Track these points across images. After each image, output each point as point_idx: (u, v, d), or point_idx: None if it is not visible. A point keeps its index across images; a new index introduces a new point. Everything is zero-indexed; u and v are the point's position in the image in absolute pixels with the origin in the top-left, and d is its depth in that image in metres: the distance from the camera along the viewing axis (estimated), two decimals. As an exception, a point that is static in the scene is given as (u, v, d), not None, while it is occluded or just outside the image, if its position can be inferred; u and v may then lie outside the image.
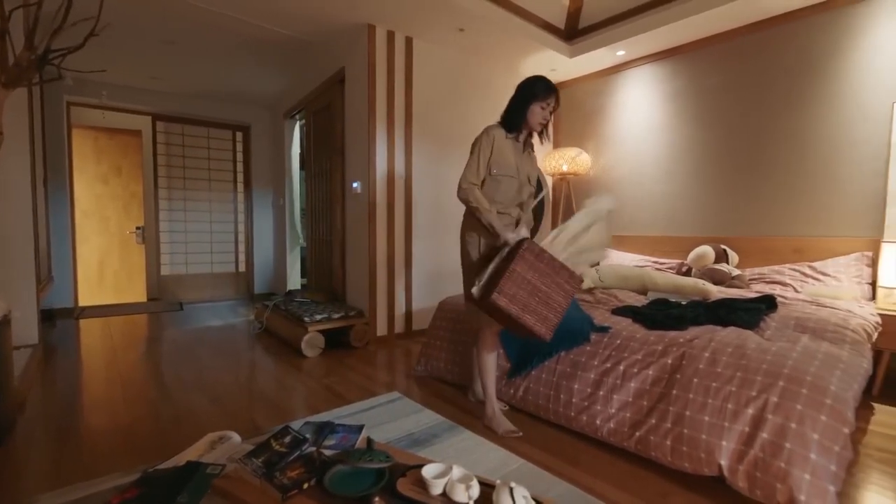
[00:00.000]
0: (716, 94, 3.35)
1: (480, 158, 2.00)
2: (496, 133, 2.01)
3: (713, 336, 1.72)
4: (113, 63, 3.94)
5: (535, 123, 2.00)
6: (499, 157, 2.00)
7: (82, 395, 2.34)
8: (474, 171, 2.00)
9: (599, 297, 2.58)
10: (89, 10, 2.69)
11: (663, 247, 3.62)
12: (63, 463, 1.64)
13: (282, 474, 1.10)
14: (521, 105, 1.99)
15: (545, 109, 1.99)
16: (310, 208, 4.51)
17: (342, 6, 2.95)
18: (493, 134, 2.01)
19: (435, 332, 2.59)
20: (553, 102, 1.98)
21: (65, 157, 4.29)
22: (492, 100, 4.00)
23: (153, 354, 3.08)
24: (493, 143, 2.00)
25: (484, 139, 2.01)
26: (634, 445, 1.64)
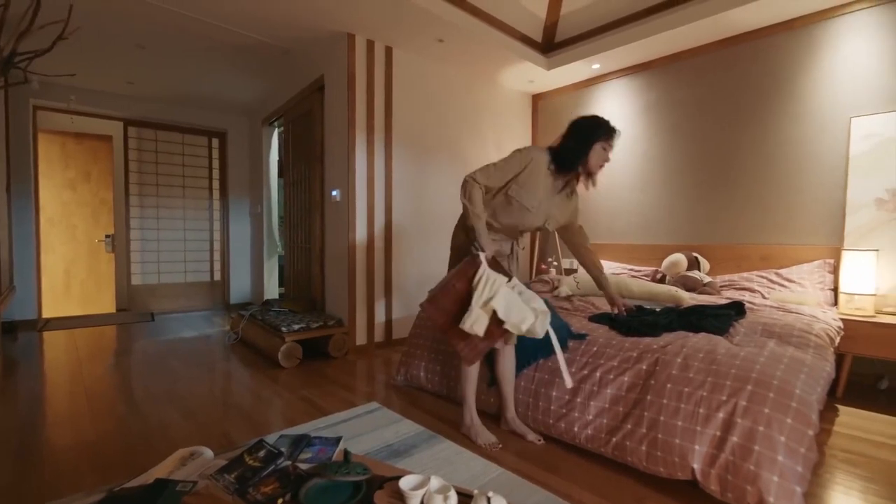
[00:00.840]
0: (687, 106, 3.47)
1: (505, 169, 1.86)
2: (539, 157, 1.87)
3: (685, 342, 1.76)
4: (83, 67, 3.83)
5: (595, 165, 1.88)
6: (527, 181, 1.85)
7: (45, 410, 2.23)
8: (489, 173, 1.85)
9: (577, 305, 2.62)
10: (58, 14, 2.62)
11: (638, 254, 3.71)
12: (23, 483, 1.56)
13: (255, 490, 1.07)
14: (584, 143, 1.85)
15: (606, 150, 1.88)
16: (288, 216, 4.45)
17: (321, 15, 2.95)
18: (533, 156, 1.87)
19: (415, 341, 2.58)
20: (614, 144, 1.88)
21: (30, 162, 4.13)
22: (471, 109, 4.05)
23: (122, 367, 2.97)
24: (529, 165, 1.85)
25: (520, 156, 1.87)
26: (611, 451, 1.66)
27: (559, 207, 1.99)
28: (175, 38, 3.33)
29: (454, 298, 1.67)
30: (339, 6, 2.84)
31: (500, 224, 1.94)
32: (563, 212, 2.03)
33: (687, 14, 2.98)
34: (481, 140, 4.15)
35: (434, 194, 3.79)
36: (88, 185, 4.98)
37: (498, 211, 1.91)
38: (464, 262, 1.77)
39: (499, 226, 1.95)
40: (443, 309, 1.67)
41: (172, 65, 3.85)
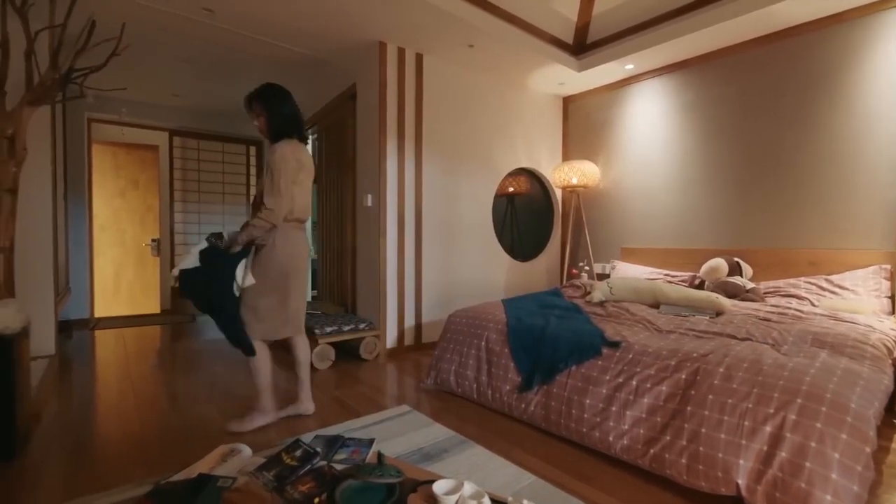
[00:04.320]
0: (727, 105, 3.35)
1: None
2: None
3: (727, 351, 1.69)
4: (132, 81, 4.07)
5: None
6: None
7: (96, 406, 2.36)
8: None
9: (611, 311, 2.56)
10: (111, 32, 2.79)
11: (675, 259, 3.59)
12: (77, 474, 1.66)
13: (293, 488, 1.10)
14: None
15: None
16: (321, 221, 4.56)
17: (354, 25, 3.03)
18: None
19: (445, 346, 2.58)
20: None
21: (84, 172, 4.41)
22: (500, 113, 4.04)
23: (165, 365, 3.11)
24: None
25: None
26: (649, 463, 1.60)
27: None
28: (217, 52, 3.49)
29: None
30: (371, 16, 2.90)
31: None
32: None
33: (727, 10, 2.87)
34: (511, 144, 4.13)
35: (464, 200, 3.80)
36: (136, 193, 5.27)
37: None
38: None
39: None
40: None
41: (214, 77, 4.03)
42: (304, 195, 2.07)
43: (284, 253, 2.01)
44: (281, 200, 1.92)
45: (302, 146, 2.09)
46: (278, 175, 1.92)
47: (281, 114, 2.04)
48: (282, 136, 2.03)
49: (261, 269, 1.98)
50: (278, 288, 2.02)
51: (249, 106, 2.06)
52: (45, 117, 2.86)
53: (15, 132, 2.29)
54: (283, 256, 2.00)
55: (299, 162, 2.02)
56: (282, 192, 1.92)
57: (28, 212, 2.75)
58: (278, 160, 1.93)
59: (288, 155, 1.96)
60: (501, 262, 4.11)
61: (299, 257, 2.07)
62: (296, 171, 1.99)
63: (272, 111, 2.03)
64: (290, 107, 2.08)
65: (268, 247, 1.99)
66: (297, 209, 2.04)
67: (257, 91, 2.04)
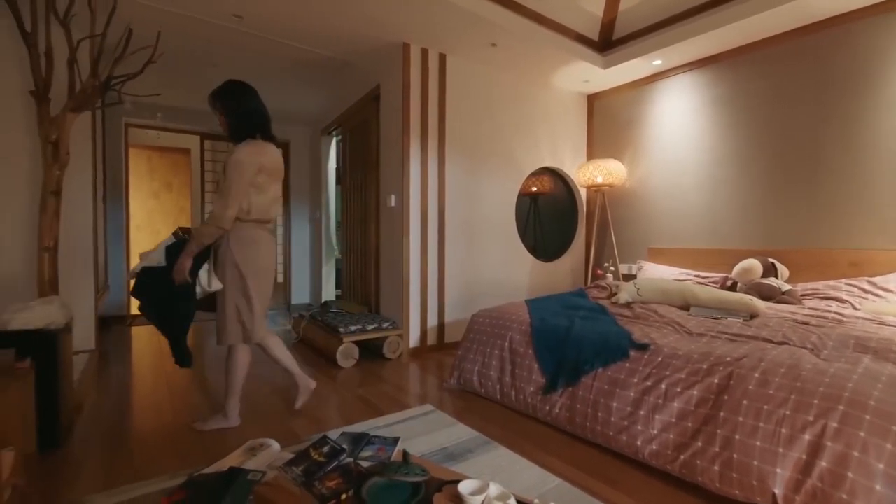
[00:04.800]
0: (760, 100, 3.23)
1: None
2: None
3: (763, 355, 1.63)
4: (166, 87, 4.21)
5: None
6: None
7: (133, 399, 2.46)
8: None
9: (638, 313, 2.50)
10: (147, 40, 2.90)
11: (705, 260, 3.48)
12: (116, 464, 1.73)
13: (321, 484, 1.12)
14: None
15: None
16: (345, 221, 4.63)
17: (378, 27, 3.05)
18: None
19: (468, 346, 2.58)
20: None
21: (122, 175, 4.60)
22: (523, 112, 4.01)
23: (196, 361, 3.21)
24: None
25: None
26: (679, 469, 1.56)
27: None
28: (245, 57, 3.58)
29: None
30: (395, 18, 2.92)
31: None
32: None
33: (762, 1, 2.77)
34: (534, 143, 4.09)
35: (486, 200, 3.79)
36: (170, 195, 5.47)
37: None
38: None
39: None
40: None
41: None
42: (265, 196, 1.99)
43: (240, 254, 1.94)
44: (226, 205, 1.85)
45: (266, 146, 1.99)
46: (229, 179, 1.87)
47: (238, 112, 1.96)
48: (244, 135, 1.96)
49: (220, 271, 1.95)
50: (241, 290, 1.97)
51: (213, 105, 1.99)
52: (87, 123, 2.99)
53: (59, 137, 2.41)
54: (238, 258, 1.94)
55: (258, 165, 1.93)
56: (229, 196, 1.86)
57: (70, 213, 2.88)
58: (232, 164, 1.88)
59: (244, 158, 1.89)
60: (524, 263, 4.08)
61: (258, 258, 1.99)
62: (252, 175, 1.91)
63: (230, 109, 1.96)
64: (251, 104, 1.98)
65: (222, 249, 1.95)
66: (255, 210, 1.96)
67: (218, 89, 1.97)
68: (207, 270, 1.93)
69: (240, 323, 1.99)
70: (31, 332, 1.77)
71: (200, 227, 1.89)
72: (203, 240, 1.89)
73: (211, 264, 1.95)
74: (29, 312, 1.82)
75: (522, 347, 2.30)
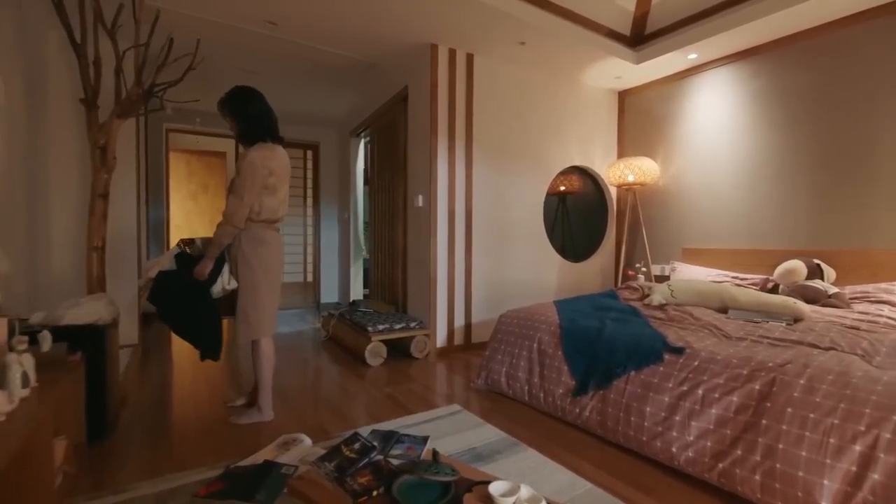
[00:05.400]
0: (805, 94, 3.07)
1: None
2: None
3: (809, 361, 1.55)
4: (205, 92, 4.37)
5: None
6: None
7: (173, 392, 2.57)
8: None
9: (672, 315, 2.42)
10: (187, 48, 3.02)
11: (743, 260, 3.34)
12: (158, 454, 1.81)
13: (352, 480, 1.14)
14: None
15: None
16: (373, 221, 4.69)
17: (407, 28, 3.08)
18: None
19: (496, 346, 2.57)
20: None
21: (163, 178, 4.81)
22: (552, 110, 3.95)
23: (231, 357, 3.33)
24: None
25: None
26: (717, 478, 1.50)
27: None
28: (277, 62, 3.68)
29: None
30: (424, 19, 2.94)
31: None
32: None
33: (806, -10, 2.64)
34: (563, 142, 4.03)
35: (514, 199, 3.76)
36: (206, 196, 5.68)
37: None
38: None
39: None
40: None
41: (275, 85, 4.25)
42: (275, 199, 2.06)
43: (251, 254, 2.02)
44: (240, 204, 1.93)
45: (276, 149, 2.07)
46: (242, 180, 1.94)
47: (247, 115, 2.02)
48: (254, 139, 2.03)
49: (234, 269, 2.04)
50: (252, 288, 2.04)
51: (222, 111, 2.07)
52: (131, 129, 3.15)
53: (106, 143, 2.54)
54: (250, 255, 2.02)
55: (270, 168, 2.00)
56: (242, 197, 1.94)
57: (116, 214, 3.04)
58: (246, 166, 1.95)
59: (257, 161, 1.96)
60: (552, 263, 4.03)
61: (268, 257, 2.07)
62: (265, 177, 1.98)
63: (239, 114, 2.03)
64: (258, 108, 2.04)
65: (234, 247, 2.03)
66: (265, 211, 2.04)
67: (226, 96, 2.04)
68: (226, 271, 2.03)
69: (248, 320, 2.07)
70: (82, 328, 1.87)
71: (217, 230, 1.98)
72: (222, 240, 1.98)
73: (227, 264, 2.05)
74: (79, 309, 1.92)
75: (551, 349, 2.27)
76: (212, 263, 1.98)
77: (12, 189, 2.13)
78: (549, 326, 2.37)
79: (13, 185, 2.14)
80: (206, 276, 1.96)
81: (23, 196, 2.32)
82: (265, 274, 2.08)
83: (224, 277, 2.01)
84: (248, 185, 1.95)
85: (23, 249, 2.30)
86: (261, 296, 2.07)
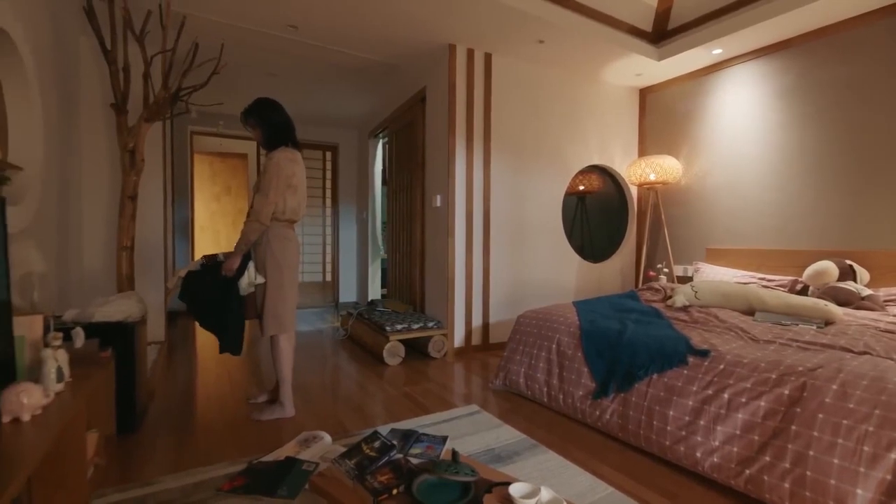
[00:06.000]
0: (837, 89, 2.96)
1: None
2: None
3: (841, 365, 1.49)
4: (227, 95, 4.48)
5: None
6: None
7: (197, 388, 2.63)
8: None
9: (696, 317, 2.37)
10: (211, 53, 3.09)
11: (770, 261, 3.24)
12: (184, 448, 1.86)
13: (373, 478, 1.15)
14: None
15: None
16: (390, 222, 4.71)
17: (426, 29, 3.09)
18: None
19: (514, 347, 2.55)
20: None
21: (188, 180, 4.94)
22: (571, 109, 3.91)
23: (252, 355, 3.39)
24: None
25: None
26: (744, 485, 1.46)
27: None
28: (298, 65, 3.74)
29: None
30: (443, 20, 2.94)
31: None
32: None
33: (838, -19, 2.54)
34: (582, 141, 3.98)
35: (532, 199, 3.73)
36: (229, 197, 5.81)
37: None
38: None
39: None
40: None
41: (295, 88, 4.32)
42: (296, 199, 2.17)
43: (278, 250, 2.13)
44: (266, 202, 2.04)
45: (296, 154, 2.20)
46: (269, 180, 2.05)
47: (272, 124, 2.17)
48: (276, 144, 2.16)
49: (261, 266, 2.13)
50: (279, 283, 2.14)
51: (245, 120, 2.20)
52: (158, 132, 3.24)
53: (135, 146, 2.63)
54: (278, 253, 2.13)
55: (292, 170, 2.13)
56: (269, 196, 2.04)
57: (143, 215, 3.13)
58: (273, 166, 2.07)
59: (283, 162, 2.09)
60: (571, 263, 3.98)
61: (291, 254, 2.18)
62: (289, 177, 2.11)
63: (265, 122, 2.17)
64: (281, 116, 2.20)
65: (262, 245, 2.12)
66: (289, 211, 2.15)
67: (250, 106, 2.19)
68: (252, 266, 2.12)
69: (276, 315, 2.15)
70: (112, 325, 1.94)
71: (244, 227, 2.08)
72: (249, 237, 2.08)
73: (253, 261, 2.15)
74: (109, 306, 1.99)
75: (571, 350, 2.25)
76: (240, 258, 2.08)
77: (48, 192, 2.21)
78: (568, 327, 2.34)
79: (49, 188, 2.23)
80: (234, 272, 2.06)
81: (56, 198, 2.41)
82: (290, 271, 2.19)
83: (251, 272, 2.10)
84: (273, 183, 2.06)
85: (56, 249, 2.39)
86: (287, 292, 2.17)
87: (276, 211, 2.10)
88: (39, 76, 2.09)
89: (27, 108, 1.96)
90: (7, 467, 0.90)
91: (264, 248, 2.13)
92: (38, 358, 1.31)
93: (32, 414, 1.14)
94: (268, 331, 2.15)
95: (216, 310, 2.09)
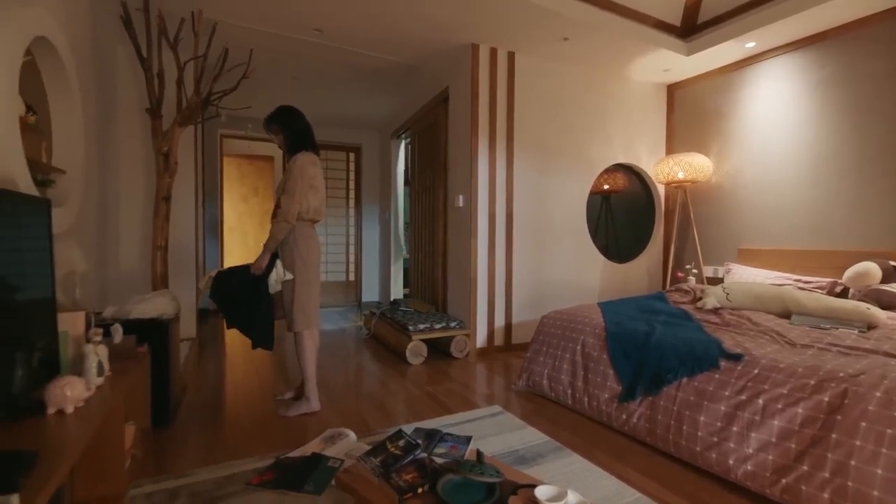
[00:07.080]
0: (880, 81, 2.81)
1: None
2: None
3: (886, 372, 1.42)
4: (255, 99, 4.59)
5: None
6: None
7: (227, 384, 2.71)
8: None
9: (728, 319, 2.29)
10: (240, 58, 3.17)
11: (807, 262, 3.11)
12: (215, 442, 1.91)
13: (398, 476, 1.15)
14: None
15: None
16: (413, 222, 4.74)
17: (449, 29, 3.09)
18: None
19: (537, 348, 2.53)
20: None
21: (217, 182, 5.08)
22: (596, 107, 3.84)
23: (279, 353, 3.47)
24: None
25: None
26: (780, 494, 1.41)
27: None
28: (322, 68, 3.80)
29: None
30: (466, 19, 2.94)
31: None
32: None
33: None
34: (607, 139, 3.91)
35: (556, 199, 3.69)
36: (257, 199, 5.96)
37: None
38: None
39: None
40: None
41: (319, 90, 4.40)
42: (318, 199, 2.25)
43: (304, 249, 2.21)
44: (293, 202, 2.12)
45: (316, 158, 2.30)
46: (295, 181, 2.14)
47: (294, 130, 2.28)
48: (298, 148, 2.25)
49: (289, 264, 2.19)
50: (305, 280, 2.21)
51: (268, 127, 2.30)
52: (190, 135, 3.35)
53: (169, 149, 2.72)
54: (303, 250, 2.20)
55: (314, 172, 2.23)
56: (295, 196, 2.13)
57: (176, 216, 3.24)
58: (297, 169, 2.16)
59: (306, 165, 2.19)
60: (595, 263, 3.92)
61: (313, 250, 2.26)
62: (312, 178, 2.20)
63: (287, 128, 2.28)
64: (301, 123, 2.30)
65: (289, 244, 2.20)
66: (312, 211, 2.23)
67: (273, 113, 2.30)
68: (279, 264, 2.21)
69: (304, 310, 2.22)
70: (148, 321, 2.01)
71: (273, 226, 2.16)
72: (278, 236, 2.15)
73: (280, 259, 2.23)
74: (145, 304, 2.07)
75: (596, 352, 2.21)
76: (269, 256, 2.15)
77: (88, 194, 2.32)
78: (593, 329, 2.30)
79: (89, 191, 2.34)
80: (263, 270, 2.15)
81: (96, 199, 2.52)
82: (314, 268, 2.27)
83: (279, 269, 2.18)
84: (298, 184, 2.15)
85: (95, 248, 2.50)
86: (313, 289, 2.26)
87: (300, 211, 2.18)
88: (81, 83, 2.19)
89: (70, 114, 2.06)
90: (52, 457, 0.95)
91: (291, 247, 2.20)
92: (81, 353, 1.38)
93: (75, 406, 1.20)
94: (296, 325, 2.22)
95: (245, 309, 2.16)
